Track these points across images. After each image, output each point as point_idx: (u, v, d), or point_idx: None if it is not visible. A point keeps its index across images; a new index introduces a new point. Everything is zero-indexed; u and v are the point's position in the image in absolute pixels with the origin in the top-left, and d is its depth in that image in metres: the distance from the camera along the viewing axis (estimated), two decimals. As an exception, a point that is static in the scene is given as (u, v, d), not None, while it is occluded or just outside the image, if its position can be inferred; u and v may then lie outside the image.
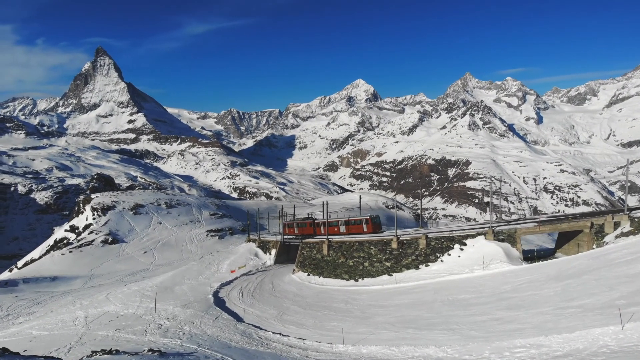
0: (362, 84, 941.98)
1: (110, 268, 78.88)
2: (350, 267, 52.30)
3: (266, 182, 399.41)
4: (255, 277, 58.63)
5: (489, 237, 44.75)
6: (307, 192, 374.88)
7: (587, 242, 42.29)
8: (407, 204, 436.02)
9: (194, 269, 64.56)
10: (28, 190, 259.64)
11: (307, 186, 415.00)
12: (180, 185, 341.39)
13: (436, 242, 47.16)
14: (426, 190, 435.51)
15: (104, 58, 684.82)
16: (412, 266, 47.45)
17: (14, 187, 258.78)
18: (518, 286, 32.69)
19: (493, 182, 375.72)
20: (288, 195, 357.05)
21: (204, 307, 39.38)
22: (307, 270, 57.51)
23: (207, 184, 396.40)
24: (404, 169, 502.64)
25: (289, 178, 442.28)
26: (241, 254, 73.85)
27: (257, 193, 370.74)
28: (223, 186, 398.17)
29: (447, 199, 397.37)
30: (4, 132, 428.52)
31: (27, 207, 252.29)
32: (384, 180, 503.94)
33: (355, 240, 53.53)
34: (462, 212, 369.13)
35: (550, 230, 45.99)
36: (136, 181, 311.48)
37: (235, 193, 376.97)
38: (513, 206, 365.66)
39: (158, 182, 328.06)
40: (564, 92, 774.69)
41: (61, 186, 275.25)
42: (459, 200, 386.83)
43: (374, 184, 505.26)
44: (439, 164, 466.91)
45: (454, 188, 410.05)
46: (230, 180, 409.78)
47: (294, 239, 68.56)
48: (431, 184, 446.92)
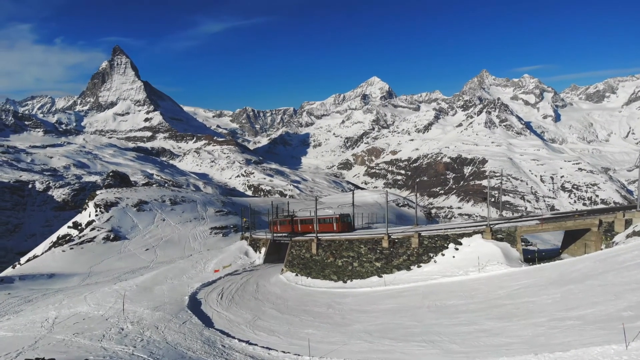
0: (377, 81, 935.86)
1: (110, 265, 77.67)
2: (339, 267, 49.28)
3: (280, 180, 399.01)
4: (241, 277, 56.27)
5: (486, 236, 41.38)
6: (321, 190, 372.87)
7: (594, 242, 39.07)
8: (421, 202, 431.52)
9: (178, 268, 62.40)
10: (46, 188, 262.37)
11: (321, 184, 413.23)
12: (196, 182, 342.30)
13: (429, 241, 43.85)
14: (442, 189, 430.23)
15: (121, 57, 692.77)
16: (403, 267, 44.21)
17: (32, 184, 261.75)
18: (514, 291, 29.77)
19: (493, 177, 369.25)
20: (302, 193, 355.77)
21: (175, 310, 37.19)
22: (296, 270, 54.51)
23: (222, 182, 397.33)
24: (419, 167, 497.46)
25: (302, 176, 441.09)
26: (231, 252, 71.18)
27: (271, 191, 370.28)
28: (238, 184, 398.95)
29: (463, 197, 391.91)
30: (22, 130, 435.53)
31: (45, 204, 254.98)
32: (399, 179, 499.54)
33: (345, 239, 50.47)
34: (478, 211, 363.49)
35: (554, 229, 42.24)
36: (152, 179, 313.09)
37: (250, 191, 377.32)
38: (530, 205, 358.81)
39: (174, 179, 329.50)
40: (583, 90, 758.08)
41: (78, 183, 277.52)
42: (475, 199, 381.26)
43: (388, 182, 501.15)
44: (455, 162, 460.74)
45: (470, 186, 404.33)
46: (245, 178, 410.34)
47: (284, 237, 65.86)
48: (447, 183, 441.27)
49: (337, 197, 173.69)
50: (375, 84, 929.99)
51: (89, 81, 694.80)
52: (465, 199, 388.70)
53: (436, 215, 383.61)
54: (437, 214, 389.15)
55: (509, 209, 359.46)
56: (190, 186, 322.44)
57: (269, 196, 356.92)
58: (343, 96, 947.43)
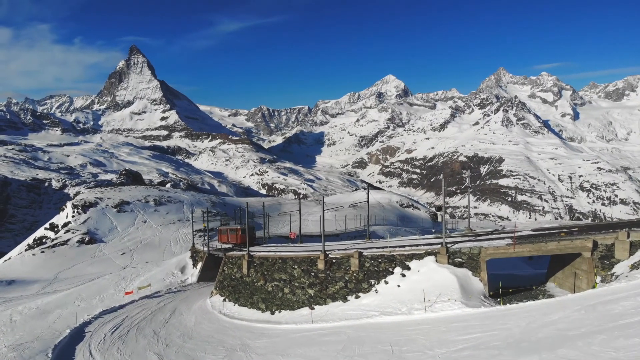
0: (393, 79, 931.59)
1: (80, 271, 72.21)
2: (268, 293, 40.78)
3: (294, 179, 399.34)
4: (158, 301, 47.58)
5: (441, 258, 31.60)
6: (334, 189, 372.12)
7: (586, 273, 28.33)
8: (436, 201, 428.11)
9: (98, 286, 55.09)
10: (62, 186, 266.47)
11: (335, 183, 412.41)
12: (211, 181, 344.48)
13: (372, 263, 34.50)
14: (457, 188, 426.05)
15: (138, 56, 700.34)
16: (338, 297, 35.08)
17: (48, 182, 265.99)
18: (455, 353, 19.75)
19: (510, 176, 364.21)
20: (315, 191, 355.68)
21: (32, 354, 32.49)
22: (225, 293, 45.68)
23: (236, 180, 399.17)
24: (434, 165, 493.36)
25: (317, 175, 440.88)
26: (166, 267, 62.76)
27: (285, 189, 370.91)
28: (252, 182, 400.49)
29: (479, 197, 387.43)
30: (40, 129, 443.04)
31: (61, 202, 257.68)
32: (414, 178, 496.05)
33: (279, 257, 41.68)
34: (494, 211, 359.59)
35: (532, 253, 30.45)
36: (167, 177, 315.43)
37: (264, 189, 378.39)
38: (547, 205, 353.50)
39: (189, 178, 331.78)
40: (602, 88, 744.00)
41: (94, 182, 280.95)
42: (492, 199, 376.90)
43: (403, 181, 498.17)
44: (471, 161, 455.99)
45: (486, 186, 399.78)
46: (259, 176, 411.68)
47: (219, 251, 55.35)
48: (463, 182, 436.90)
49: (341, 197, 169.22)
50: (391, 82, 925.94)
51: (106, 80, 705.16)
52: (482, 198, 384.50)
53: (452, 215, 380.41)
54: (452, 213, 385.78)
55: (526, 208, 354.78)
56: (205, 184, 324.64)
57: (282, 195, 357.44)
58: (358, 94, 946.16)
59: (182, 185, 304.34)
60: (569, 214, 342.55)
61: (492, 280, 31.43)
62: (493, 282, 31.63)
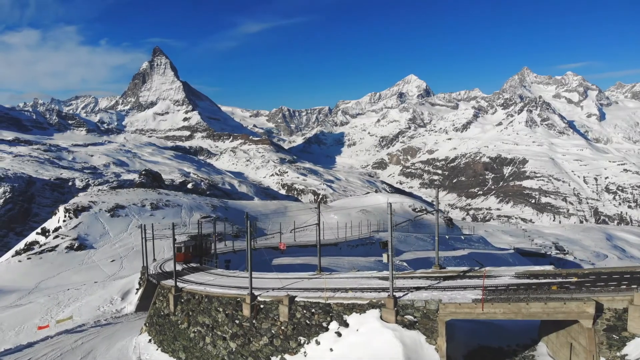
0: (414, 79, 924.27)
1: (64, 279, 67.42)
2: (190, 340, 32.19)
3: (314, 179, 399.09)
4: (76, 338, 38.79)
5: (386, 314, 22.53)
6: (354, 190, 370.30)
7: (585, 349, 18.35)
8: (459, 203, 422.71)
9: (27, 312, 47.68)
10: (85, 185, 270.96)
11: (355, 184, 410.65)
12: (231, 181, 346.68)
13: (303, 314, 25.99)
14: (480, 190, 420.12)
15: (161, 57, 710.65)
16: (261, 357, 26.83)
17: (72, 181, 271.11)
18: None
19: (534, 178, 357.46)
20: (335, 192, 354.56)
21: None
22: (152, 332, 37.54)
23: (256, 181, 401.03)
24: (456, 166, 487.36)
25: (336, 175, 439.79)
26: (108, 290, 53.79)
27: (304, 190, 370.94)
28: (272, 183, 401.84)
29: (502, 198, 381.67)
30: (66, 129, 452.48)
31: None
32: (435, 179, 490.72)
33: (205, 294, 32.34)
34: (517, 213, 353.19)
35: (506, 316, 20.06)
36: (189, 177, 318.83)
37: (284, 190, 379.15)
38: (572, 207, 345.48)
39: (210, 178, 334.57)
40: (628, 88, 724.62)
41: (117, 181, 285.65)
42: (515, 200, 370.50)
43: (424, 182, 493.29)
44: (494, 162, 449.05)
45: (510, 187, 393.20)
46: (279, 177, 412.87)
47: (155, 277, 44.42)
48: (485, 183, 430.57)
49: (351, 200, 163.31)
50: (412, 82, 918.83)
51: (130, 81, 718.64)
52: (505, 200, 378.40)
53: (473, 218, 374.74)
54: (474, 215, 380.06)
55: (550, 211, 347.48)
56: (225, 184, 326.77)
57: (301, 195, 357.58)
58: (379, 95, 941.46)
59: (203, 185, 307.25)
60: (594, 217, 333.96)
61: (462, 335, 23.42)
62: (463, 338, 23.27)
